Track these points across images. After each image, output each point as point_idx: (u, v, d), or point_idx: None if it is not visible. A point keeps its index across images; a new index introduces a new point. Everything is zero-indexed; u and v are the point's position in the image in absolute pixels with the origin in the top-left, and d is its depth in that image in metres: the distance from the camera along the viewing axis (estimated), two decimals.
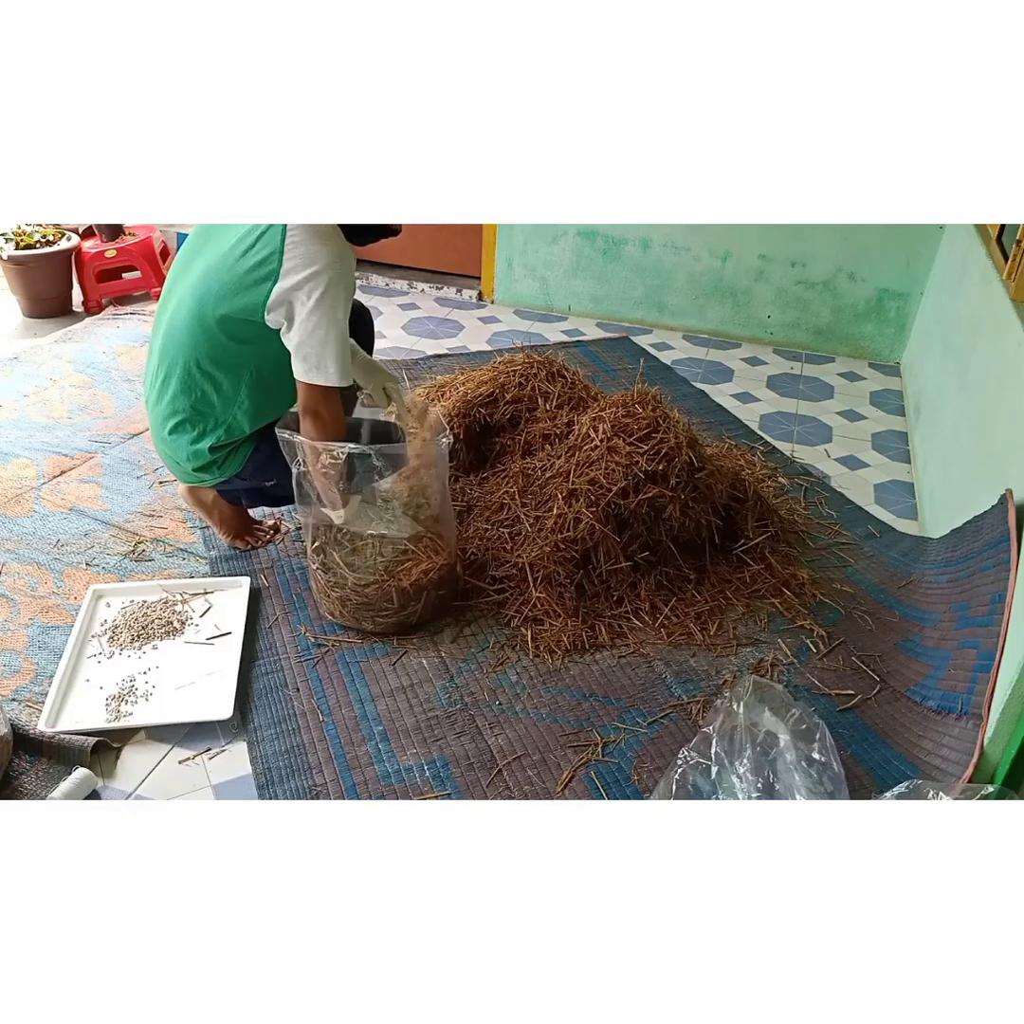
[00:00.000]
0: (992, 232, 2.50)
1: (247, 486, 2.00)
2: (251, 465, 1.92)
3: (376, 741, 1.63)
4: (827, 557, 2.21)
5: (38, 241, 3.32)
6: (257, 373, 1.78)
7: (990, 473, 1.95)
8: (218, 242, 1.70)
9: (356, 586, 1.79)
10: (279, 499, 2.08)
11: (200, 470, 1.91)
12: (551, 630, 1.89)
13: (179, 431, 1.85)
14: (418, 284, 3.95)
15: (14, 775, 1.50)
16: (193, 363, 1.76)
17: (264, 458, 1.91)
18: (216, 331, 1.71)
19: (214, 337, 1.72)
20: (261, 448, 1.90)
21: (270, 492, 2.03)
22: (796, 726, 1.46)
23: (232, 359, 1.76)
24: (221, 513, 2.08)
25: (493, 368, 2.48)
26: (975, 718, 1.49)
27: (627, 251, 3.63)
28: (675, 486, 1.97)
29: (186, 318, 1.73)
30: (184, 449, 1.87)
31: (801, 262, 3.43)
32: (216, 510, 2.07)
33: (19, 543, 2.09)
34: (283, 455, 1.80)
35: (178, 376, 1.78)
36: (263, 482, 1.97)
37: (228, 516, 2.09)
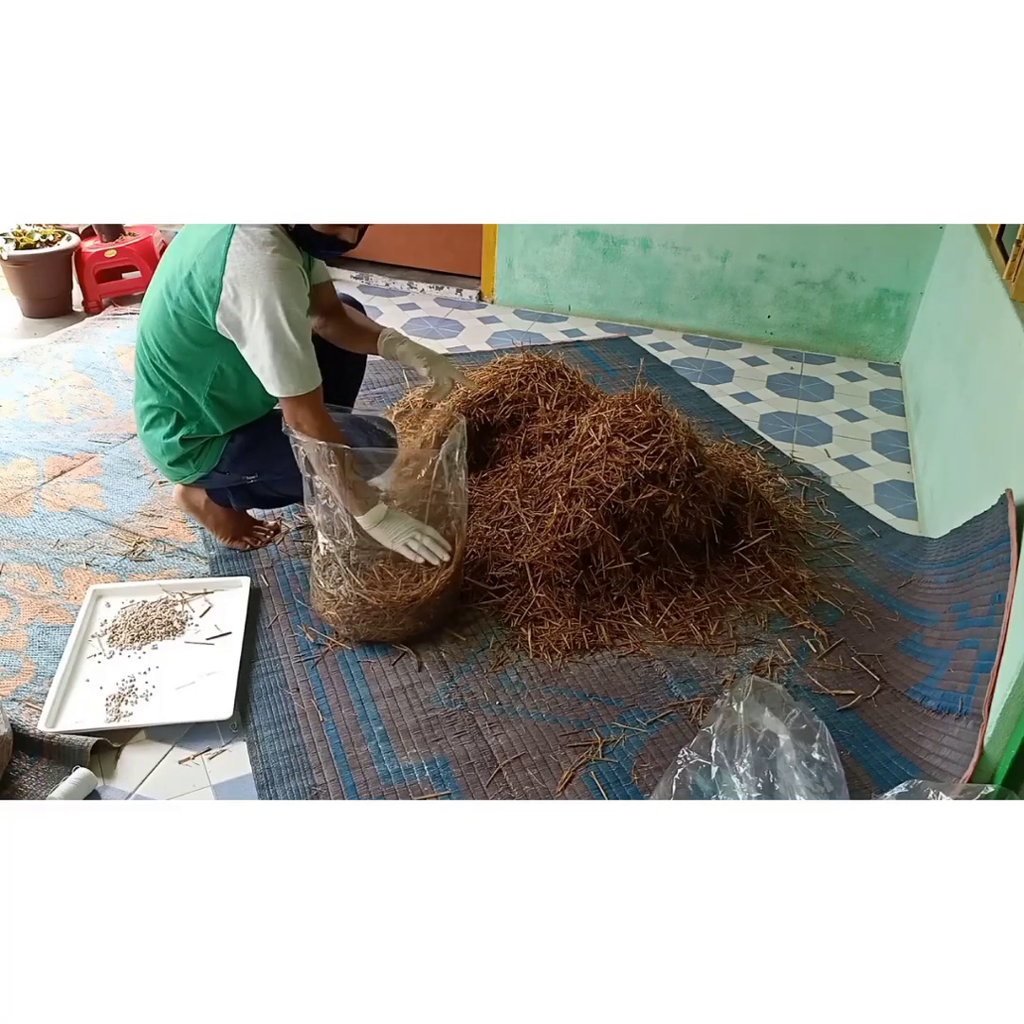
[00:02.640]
0: (992, 232, 2.50)
1: (230, 482, 1.98)
2: (227, 457, 1.92)
3: (376, 741, 1.63)
4: (827, 557, 2.21)
5: (38, 241, 3.32)
6: (221, 375, 1.79)
7: (990, 473, 1.95)
8: (191, 243, 1.70)
9: (361, 600, 1.78)
10: (267, 499, 2.08)
11: (176, 464, 1.92)
12: (551, 630, 1.89)
13: (154, 426, 1.88)
14: (418, 284, 3.95)
15: (14, 775, 1.50)
16: (160, 362, 1.78)
17: (239, 449, 1.91)
18: (177, 332, 1.73)
19: (177, 339, 1.74)
20: (236, 439, 1.91)
21: (258, 493, 2.01)
22: (796, 726, 1.46)
23: (194, 361, 1.77)
24: (215, 516, 2.08)
25: (493, 368, 2.48)
26: (975, 718, 1.49)
27: (627, 251, 3.63)
28: (675, 486, 1.97)
29: (153, 319, 1.76)
30: (159, 443, 1.89)
31: (801, 262, 3.43)
32: (210, 514, 2.08)
33: (19, 543, 2.09)
34: (261, 446, 1.81)
35: (151, 373, 1.81)
36: (243, 476, 1.95)
37: (223, 519, 2.09)
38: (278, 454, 1.81)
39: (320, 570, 1.82)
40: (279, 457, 1.81)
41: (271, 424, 1.83)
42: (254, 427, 1.92)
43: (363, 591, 1.77)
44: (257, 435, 1.91)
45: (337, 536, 1.79)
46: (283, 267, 1.61)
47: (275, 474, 1.92)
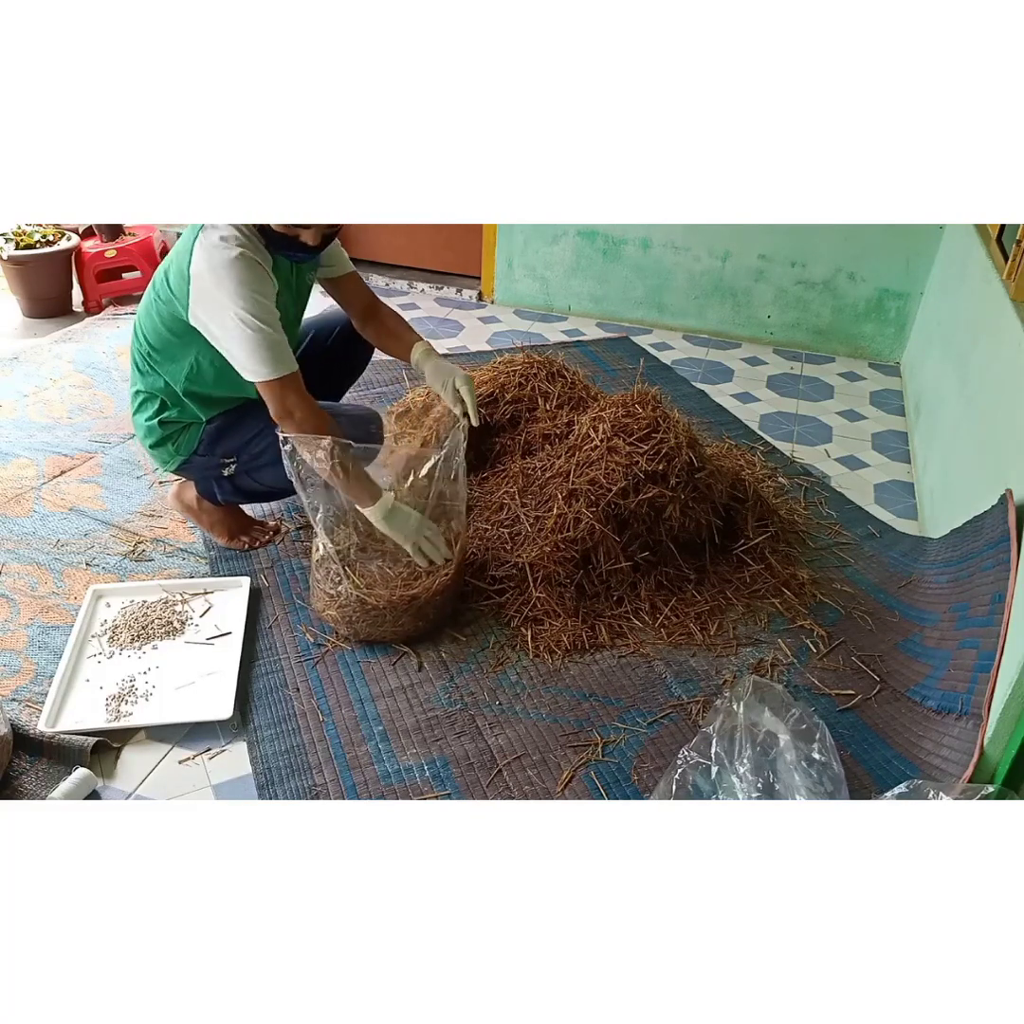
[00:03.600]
0: (992, 232, 2.50)
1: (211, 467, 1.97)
2: (205, 439, 1.93)
3: (376, 741, 1.63)
4: (827, 557, 2.21)
5: (38, 241, 3.32)
6: (197, 369, 1.82)
7: (990, 473, 1.95)
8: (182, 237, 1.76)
9: (361, 599, 1.78)
10: (254, 493, 2.05)
11: (157, 447, 1.95)
12: (551, 630, 1.89)
13: (141, 410, 1.94)
14: (418, 284, 3.96)
15: (14, 775, 1.50)
16: (145, 350, 1.85)
17: (216, 429, 1.92)
18: (159, 322, 1.79)
19: (158, 328, 1.80)
20: (214, 420, 1.92)
21: (242, 484, 1.99)
22: (796, 726, 1.46)
23: (173, 351, 1.82)
24: (210, 515, 2.09)
25: (493, 368, 2.49)
26: (975, 718, 1.49)
27: (627, 251, 3.63)
28: (675, 486, 1.97)
29: (142, 308, 1.85)
30: (143, 426, 1.94)
31: (801, 262, 3.43)
32: (204, 513, 2.09)
33: (19, 543, 2.09)
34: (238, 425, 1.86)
35: (139, 360, 1.88)
36: (222, 458, 1.95)
37: (218, 518, 2.09)
38: (257, 433, 1.84)
39: (320, 570, 1.83)
40: (257, 436, 1.85)
41: (250, 404, 1.85)
42: (234, 410, 1.93)
43: (363, 591, 1.77)
44: (236, 415, 1.92)
45: (337, 535, 1.80)
46: (243, 260, 1.64)
47: (253, 457, 1.92)
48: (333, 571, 1.79)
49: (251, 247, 1.66)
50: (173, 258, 1.74)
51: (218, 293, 1.64)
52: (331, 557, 1.79)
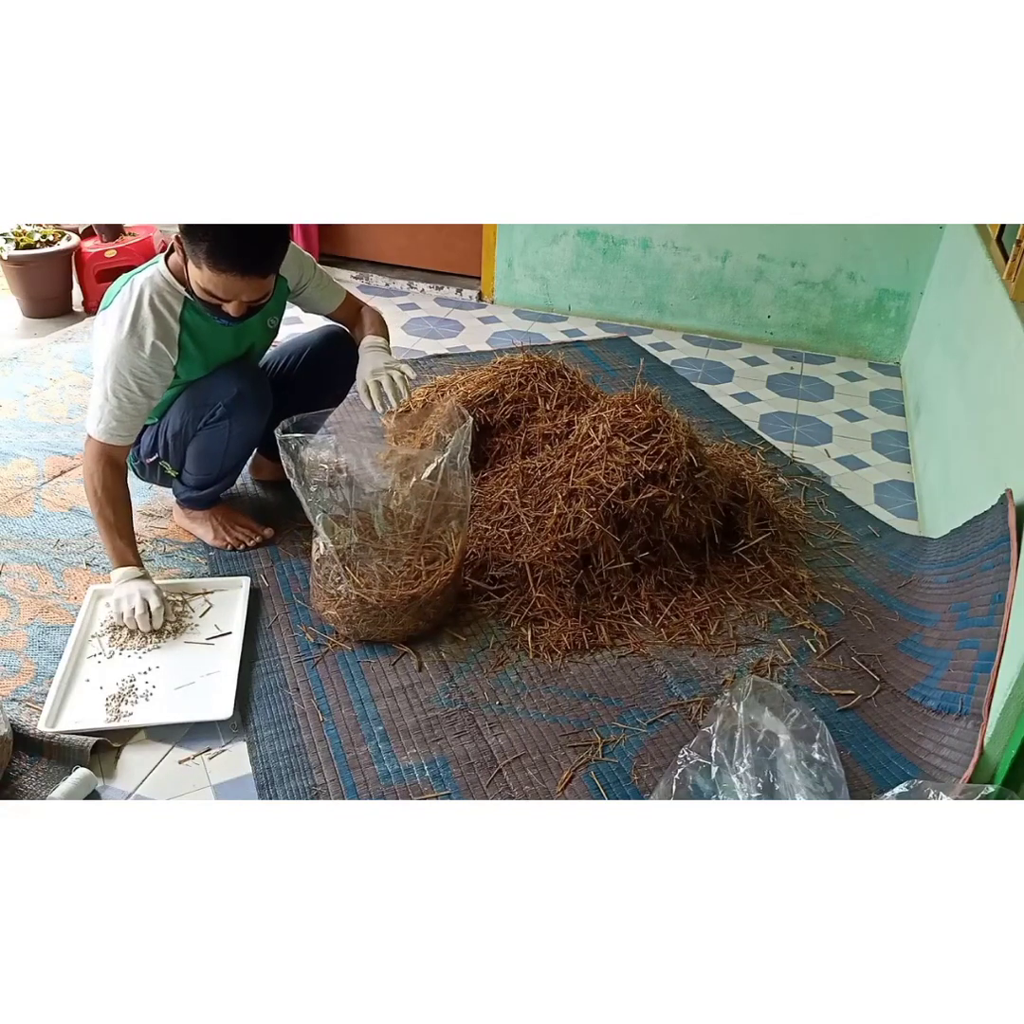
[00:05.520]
0: (992, 232, 2.50)
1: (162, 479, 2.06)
2: (135, 457, 2.02)
3: (376, 741, 1.63)
4: (827, 557, 2.21)
5: (38, 241, 3.31)
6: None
7: (990, 473, 1.95)
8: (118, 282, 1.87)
9: (361, 599, 1.78)
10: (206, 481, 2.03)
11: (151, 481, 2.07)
12: (551, 630, 1.89)
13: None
14: (418, 284, 3.95)
15: (14, 775, 1.50)
16: None
17: (136, 449, 1.98)
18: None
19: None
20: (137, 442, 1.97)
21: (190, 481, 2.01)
22: (796, 726, 1.46)
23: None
24: (201, 523, 2.12)
25: (493, 368, 2.48)
26: (975, 718, 1.49)
27: (627, 251, 3.63)
28: (675, 486, 1.97)
29: None
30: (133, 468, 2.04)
31: (801, 262, 3.43)
32: (194, 520, 2.13)
33: (19, 543, 2.09)
34: (147, 430, 1.93)
35: None
36: (149, 461, 2.00)
37: (203, 518, 2.12)
38: (160, 425, 1.92)
39: (320, 570, 1.82)
40: (163, 425, 1.92)
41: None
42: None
43: (363, 590, 1.77)
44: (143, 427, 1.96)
45: (337, 534, 1.79)
46: (135, 340, 1.74)
47: (167, 444, 1.94)
48: (333, 571, 1.79)
49: (160, 321, 1.75)
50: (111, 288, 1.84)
51: (107, 344, 1.75)
52: (331, 557, 1.79)
